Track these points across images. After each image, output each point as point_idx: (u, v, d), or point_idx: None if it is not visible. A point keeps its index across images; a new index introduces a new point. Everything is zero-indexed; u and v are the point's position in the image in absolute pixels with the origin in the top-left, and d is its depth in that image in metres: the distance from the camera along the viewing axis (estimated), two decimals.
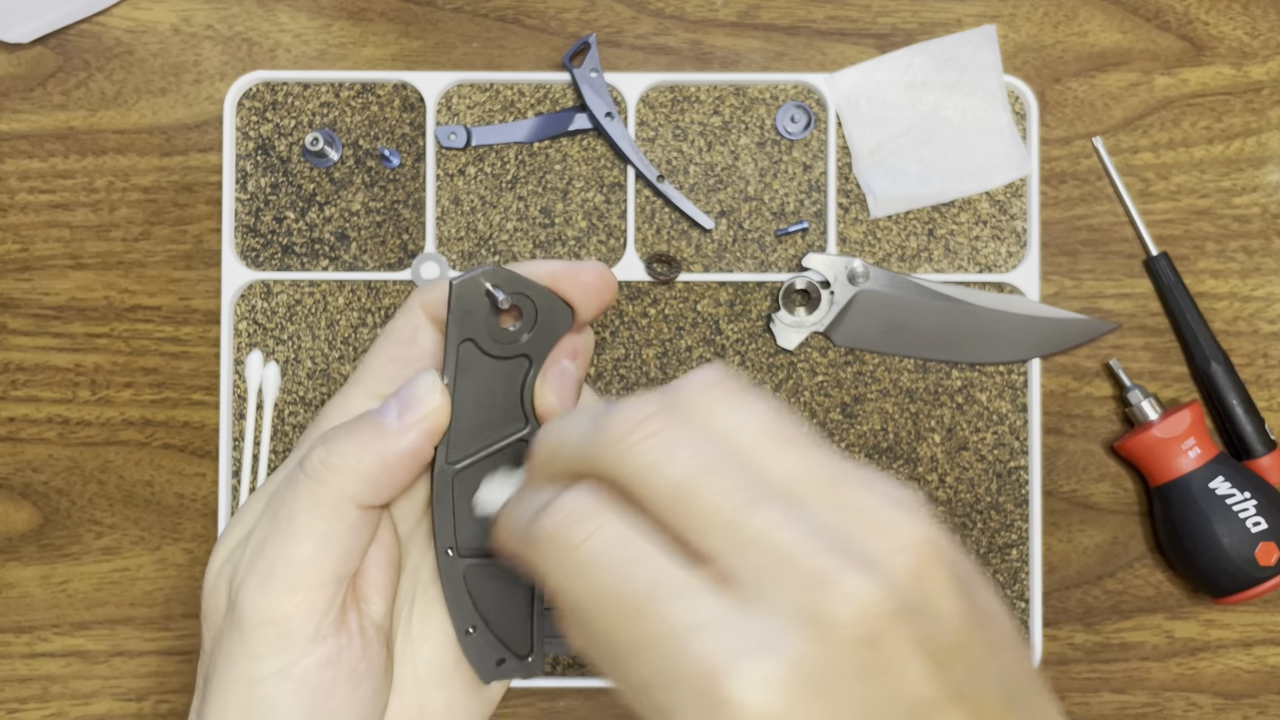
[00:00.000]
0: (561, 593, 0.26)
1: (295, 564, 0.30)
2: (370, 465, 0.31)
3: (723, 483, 0.25)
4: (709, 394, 0.27)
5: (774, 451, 0.26)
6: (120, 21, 0.49)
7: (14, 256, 0.49)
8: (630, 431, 0.26)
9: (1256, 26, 0.50)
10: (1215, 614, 0.49)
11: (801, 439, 0.26)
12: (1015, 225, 0.49)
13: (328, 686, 0.31)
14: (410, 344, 0.34)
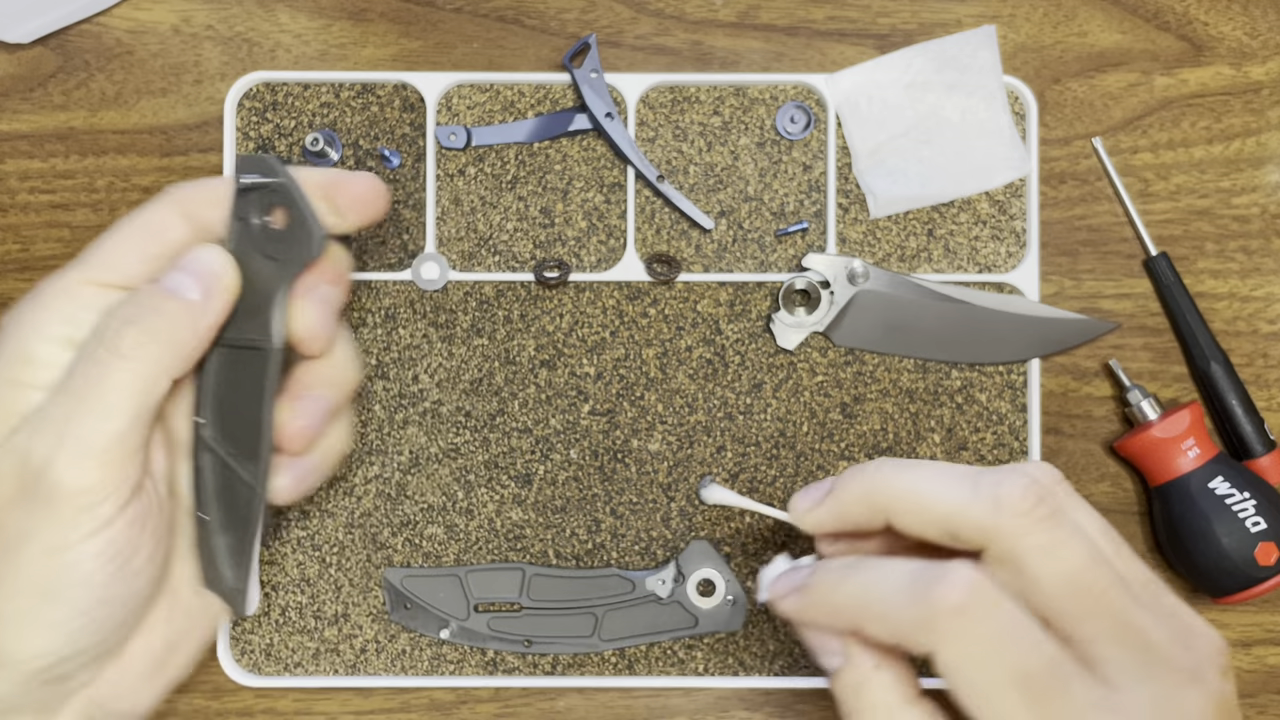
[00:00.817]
0: (958, 667, 0.27)
1: (110, 437, 0.32)
2: (184, 339, 0.34)
3: (1108, 578, 0.28)
4: (1059, 488, 0.29)
5: (1114, 553, 0.29)
6: (120, 22, 0.49)
7: (14, 257, 0.49)
8: (1030, 510, 0.28)
9: (1256, 27, 0.50)
10: (1214, 614, 0.49)
11: (1123, 543, 0.30)
12: (1015, 225, 0.49)
13: (132, 546, 0.33)
14: (157, 239, 0.35)
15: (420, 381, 0.48)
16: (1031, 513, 0.28)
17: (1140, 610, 0.28)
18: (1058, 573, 0.28)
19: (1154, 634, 0.28)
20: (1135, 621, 0.28)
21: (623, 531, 0.48)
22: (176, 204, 0.36)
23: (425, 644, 0.48)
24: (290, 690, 0.48)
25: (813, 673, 0.48)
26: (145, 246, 0.35)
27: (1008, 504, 0.28)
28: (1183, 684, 0.27)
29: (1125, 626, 0.28)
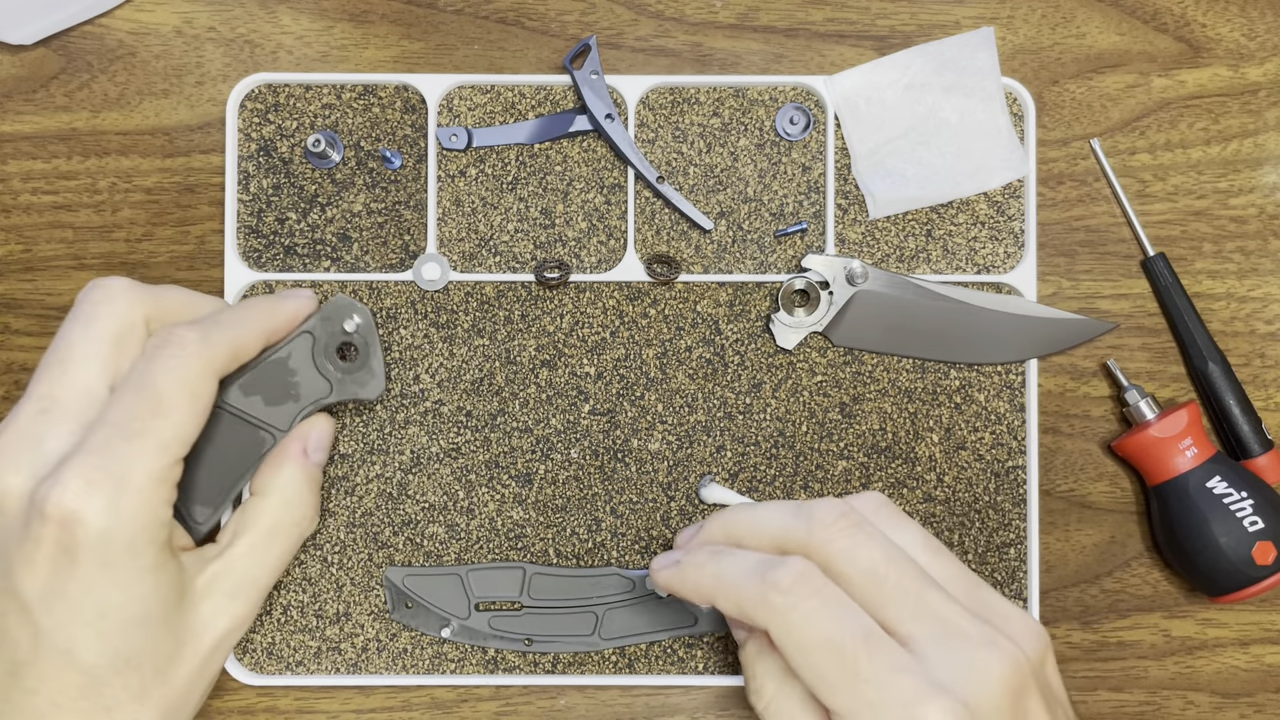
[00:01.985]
0: (785, 637, 0.34)
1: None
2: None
3: (904, 571, 0.34)
4: (880, 510, 0.37)
5: (930, 558, 0.35)
6: (123, 23, 0.50)
7: (17, 257, 0.49)
8: (834, 523, 0.35)
9: (1254, 28, 0.50)
10: (1212, 613, 0.49)
11: (946, 552, 0.36)
12: (1013, 226, 0.49)
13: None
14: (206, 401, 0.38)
15: (421, 381, 0.48)
16: (835, 525, 0.35)
17: (938, 595, 0.34)
18: (859, 569, 0.34)
19: (950, 612, 0.33)
20: (931, 603, 0.33)
21: (623, 531, 0.48)
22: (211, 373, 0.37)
23: (426, 643, 0.48)
24: (292, 689, 0.48)
25: None
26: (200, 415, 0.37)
27: (818, 521, 0.35)
28: (979, 646, 0.32)
29: (922, 606, 0.33)
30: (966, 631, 0.33)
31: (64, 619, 0.32)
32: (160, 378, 0.34)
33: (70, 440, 0.33)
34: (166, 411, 0.34)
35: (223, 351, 0.37)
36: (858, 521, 0.35)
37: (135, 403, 0.34)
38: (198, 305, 0.39)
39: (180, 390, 0.35)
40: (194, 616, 0.35)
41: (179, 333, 0.36)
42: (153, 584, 0.34)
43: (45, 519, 0.32)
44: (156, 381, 0.34)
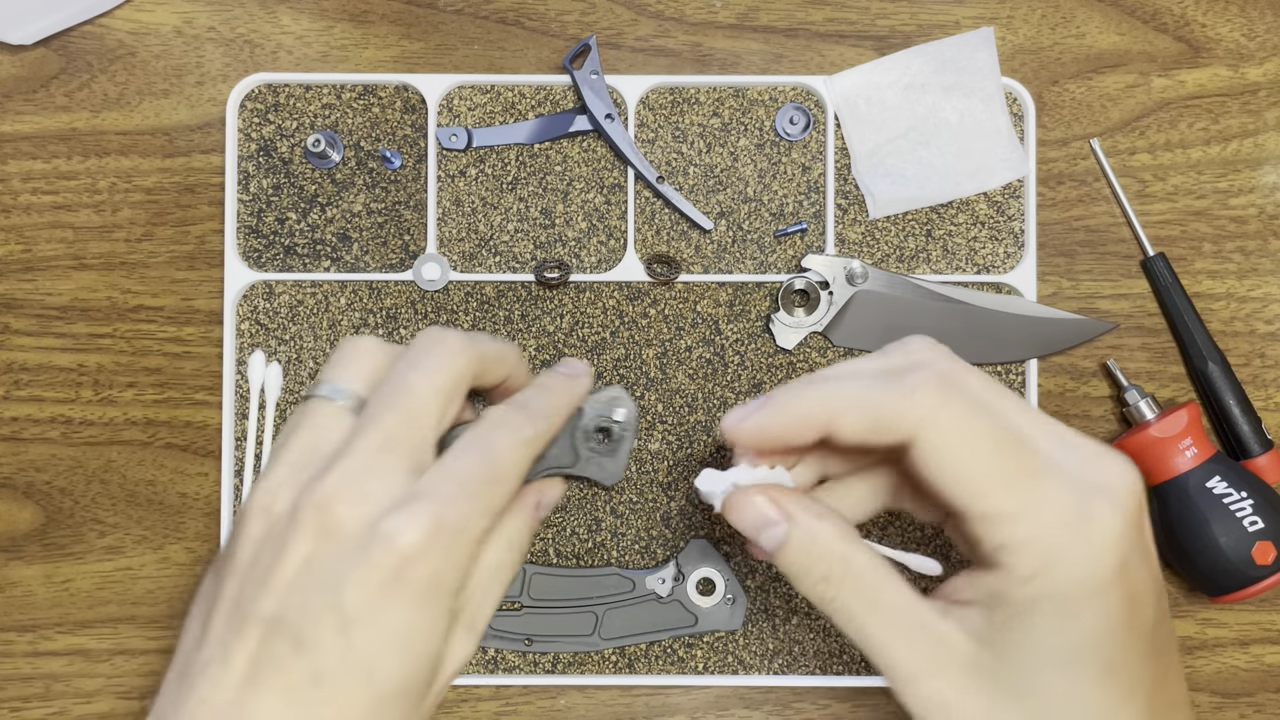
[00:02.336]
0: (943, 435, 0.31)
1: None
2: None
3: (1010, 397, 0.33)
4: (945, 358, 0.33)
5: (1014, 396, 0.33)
6: (123, 23, 0.50)
7: (17, 257, 0.49)
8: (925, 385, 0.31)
9: (1253, 28, 0.50)
10: (1212, 613, 0.49)
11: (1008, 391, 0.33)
12: (1013, 226, 0.49)
13: None
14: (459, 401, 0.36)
15: None
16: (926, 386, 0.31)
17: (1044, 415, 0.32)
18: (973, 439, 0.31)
19: (1059, 426, 0.32)
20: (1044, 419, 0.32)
21: (623, 531, 0.48)
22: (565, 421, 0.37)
23: None
24: None
25: (811, 671, 0.48)
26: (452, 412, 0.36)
27: (920, 395, 0.31)
28: (1102, 455, 0.31)
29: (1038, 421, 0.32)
30: (1087, 447, 0.31)
31: (376, 641, 0.33)
32: (505, 453, 0.35)
33: (406, 481, 0.34)
34: (503, 481, 0.35)
35: (541, 445, 0.36)
36: (958, 385, 0.32)
37: (480, 467, 0.35)
38: (505, 357, 0.38)
39: (517, 467, 0.35)
40: (447, 649, 0.36)
41: (516, 417, 0.36)
42: (443, 624, 0.34)
43: (390, 550, 0.33)
44: (500, 453, 0.35)
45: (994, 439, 0.31)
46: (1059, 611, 0.30)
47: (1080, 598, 0.30)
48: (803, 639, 0.48)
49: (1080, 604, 0.30)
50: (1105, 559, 0.30)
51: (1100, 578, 0.30)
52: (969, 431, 0.31)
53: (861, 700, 0.49)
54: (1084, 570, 0.30)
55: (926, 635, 0.31)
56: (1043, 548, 0.30)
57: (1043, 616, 0.30)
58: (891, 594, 0.32)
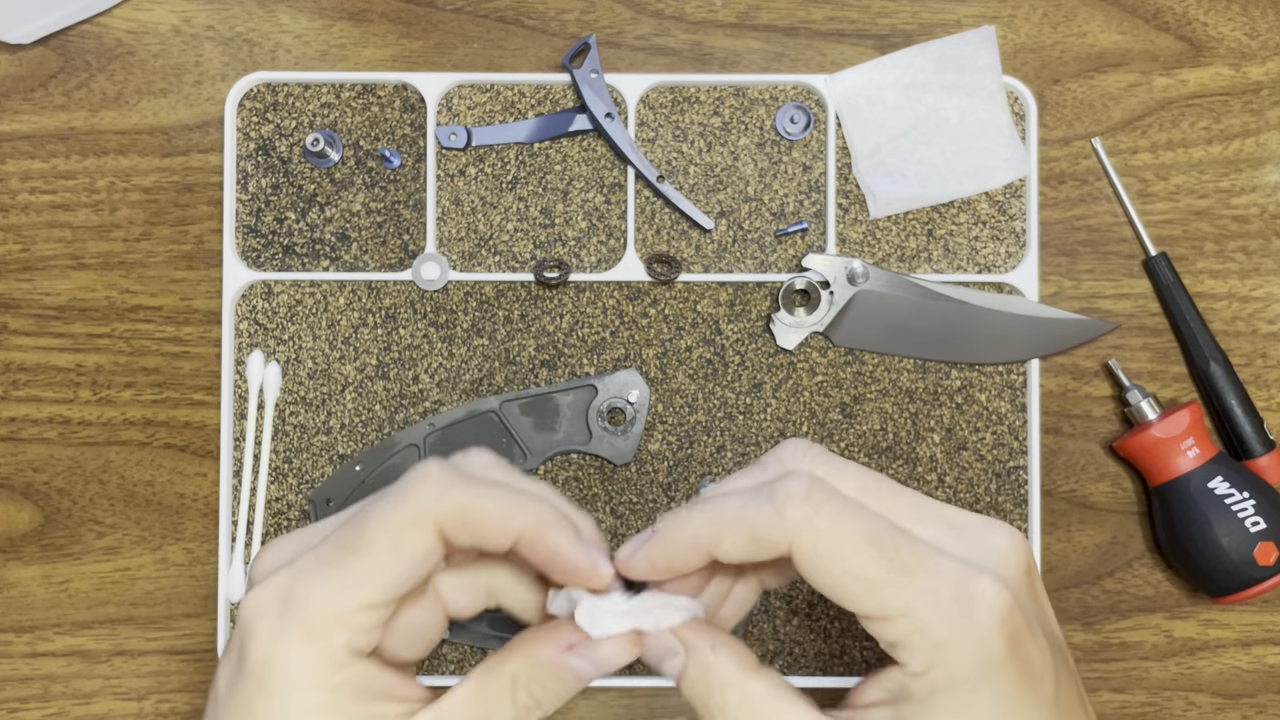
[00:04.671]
0: (816, 543, 0.31)
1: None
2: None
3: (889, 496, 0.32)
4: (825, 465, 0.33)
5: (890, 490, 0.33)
6: (121, 22, 0.50)
7: (15, 257, 0.49)
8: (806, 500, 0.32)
9: (1255, 27, 0.50)
10: (1214, 613, 0.49)
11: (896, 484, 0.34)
12: (1014, 225, 0.49)
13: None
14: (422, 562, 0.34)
15: (421, 381, 0.48)
16: (808, 501, 0.32)
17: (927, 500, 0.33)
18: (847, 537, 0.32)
19: (945, 510, 0.32)
20: (927, 506, 0.32)
21: (623, 531, 0.48)
22: (435, 527, 0.33)
23: None
24: None
25: (811, 672, 0.48)
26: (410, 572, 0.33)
27: (788, 501, 0.32)
28: (983, 532, 0.31)
29: (922, 511, 0.32)
30: (967, 523, 0.32)
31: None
32: (375, 518, 0.33)
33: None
34: (365, 552, 0.33)
35: (454, 514, 0.33)
36: (827, 491, 0.32)
37: (344, 534, 0.33)
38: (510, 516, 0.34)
39: (385, 533, 0.33)
40: None
41: (429, 471, 0.34)
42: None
43: (238, 625, 0.32)
44: (369, 519, 0.33)
45: (867, 539, 0.31)
46: (955, 702, 0.30)
47: (973, 684, 0.30)
48: (803, 640, 0.48)
49: (974, 690, 0.30)
50: (992, 641, 0.30)
51: (990, 660, 0.30)
52: (841, 537, 0.31)
53: None
54: (972, 656, 0.30)
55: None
56: (928, 641, 0.30)
57: (941, 708, 0.30)
58: (793, 712, 0.32)
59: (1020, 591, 0.31)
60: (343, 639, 0.32)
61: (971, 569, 0.30)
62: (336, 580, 0.33)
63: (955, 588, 0.30)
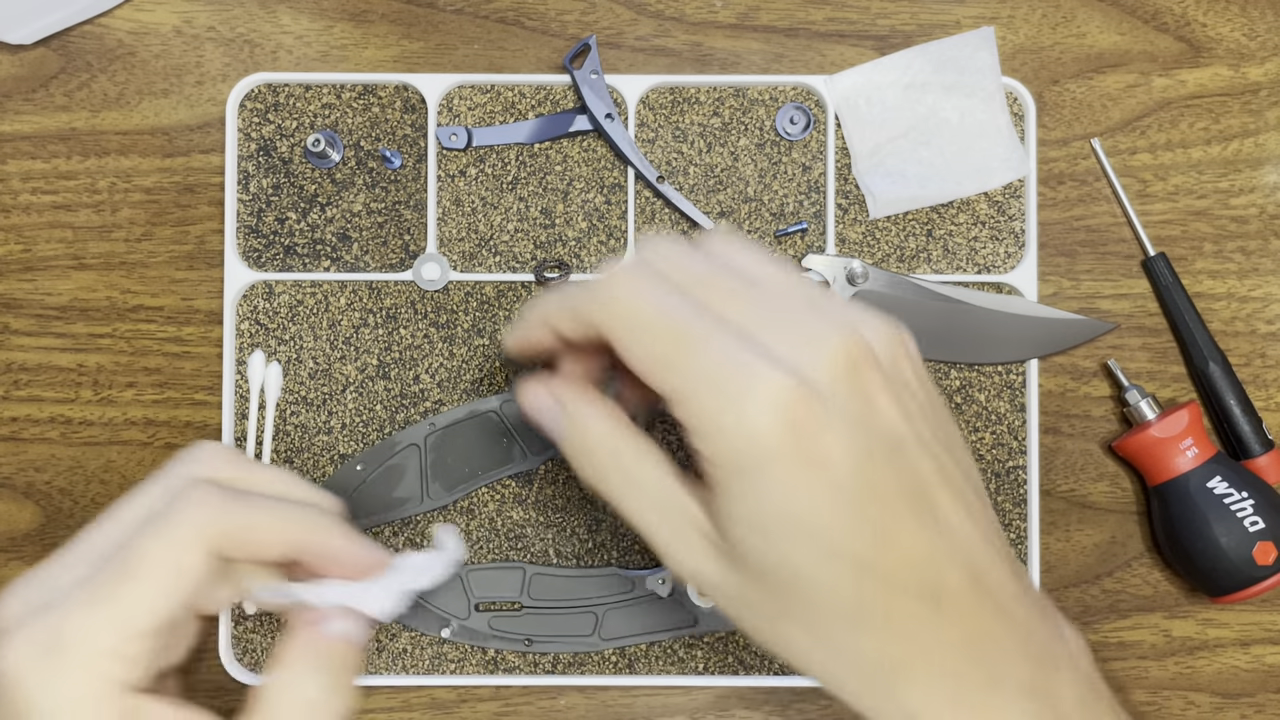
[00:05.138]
0: (618, 319, 0.33)
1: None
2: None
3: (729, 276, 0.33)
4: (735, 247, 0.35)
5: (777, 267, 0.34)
6: (122, 23, 0.50)
7: (16, 257, 0.49)
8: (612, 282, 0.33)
9: (1254, 28, 0.50)
10: (1213, 613, 0.49)
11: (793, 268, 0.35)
12: (1013, 226, 0.49)
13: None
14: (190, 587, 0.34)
15: (421, 382, 0.48)
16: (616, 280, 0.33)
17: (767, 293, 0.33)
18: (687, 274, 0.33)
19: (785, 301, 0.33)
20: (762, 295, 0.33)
21: (623, 530, 0.48)
22: (200, 543, 0.34)
23: (426, 643, 0.48)
24: None
25: None
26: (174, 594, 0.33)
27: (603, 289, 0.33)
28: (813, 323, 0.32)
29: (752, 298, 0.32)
30: (800, 316, 0.32)
31: None
32: (145, 544, 0.33)
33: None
34: (138, 580, 0.32)
35: (227, 535, 0.33)
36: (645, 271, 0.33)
37: (113, 565, 0.32)
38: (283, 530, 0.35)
39: (157, 560, 0.33)
40: None
41: (197, 493, 0.34)
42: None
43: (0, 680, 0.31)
44: (139, 546, 0.33)
45: (662, 318, 0.32)
46: (739, 488, 0.31)
47: (752, 471, 0.30)
48: None
49: (754, 476, 0.30)
50: (765, 431, 0.30)
51: (765, 449, 0.30)
52: (638, 313, 0.32)
53: None
54: (746, 444, 0.30)
55: (675, 509, 0.33)
56: (710, 426, 0.31)
57: (730, 493, 0.31)
58: (649, 471, 0.34)
59: (829, 384, 0.30)
60: (119, 673, 0.32)
61: (761, 360, 0.30)
62: (110, 613, 0.32)
63: (734, 378, 0.30)
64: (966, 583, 0.31)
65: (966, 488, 0.32)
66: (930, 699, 0.31)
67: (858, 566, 0.30)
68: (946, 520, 0.31)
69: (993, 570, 0.32)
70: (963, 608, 0.31)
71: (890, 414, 0.31)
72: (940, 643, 0.31)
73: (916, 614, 0.30)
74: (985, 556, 0.32)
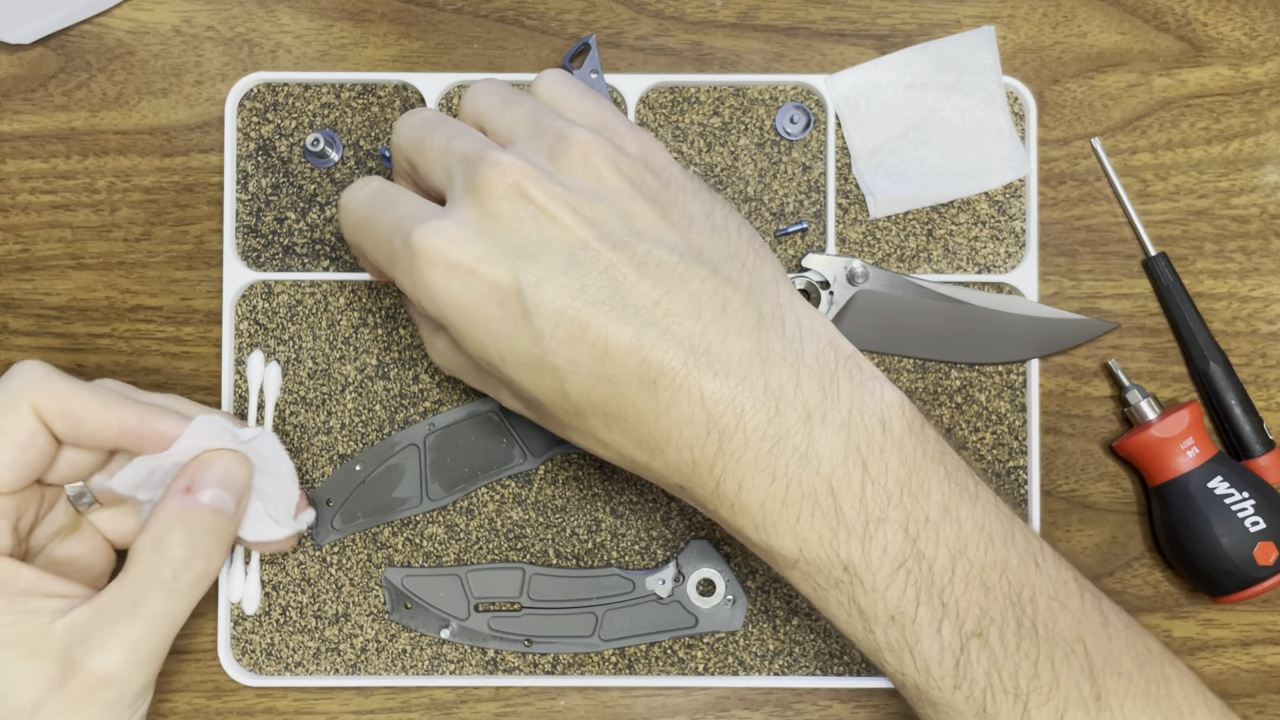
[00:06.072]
0: (346, 235, 0.39)
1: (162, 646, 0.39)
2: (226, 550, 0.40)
3: (438, 131, 0.37)
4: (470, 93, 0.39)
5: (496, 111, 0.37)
6: (121, 22, 0.50)
7: (15, 257, 0.49)
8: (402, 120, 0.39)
9: (1255, 27, 0.50)
10: (1214, 613, 0.49)
11: (519, 98, 0.37)
12: (1014, 226, 0.49)
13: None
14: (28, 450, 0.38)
15: (421, 381, 0.48)
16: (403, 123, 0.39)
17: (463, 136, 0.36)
18: (403, 147, 0.38)
19: (467, 145, 0.36)
20: (454, 147, 0.36)
21: (623, 531, 0.48)
22: (32, 409, 0.38)
23: (426, 643, 0.48)
24: (291, 690, 0.48)
25: (811, 672, 0.48)
26: (16, 457, 0.38)
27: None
28: (475, 165, 0.35)
29: (445, 154, 0.36)
30: (470, 157, 0.35)
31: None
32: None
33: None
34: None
35: (52, 403, 0.37)
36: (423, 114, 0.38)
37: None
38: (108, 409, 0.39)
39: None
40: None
41: (24, 366, 0.38)
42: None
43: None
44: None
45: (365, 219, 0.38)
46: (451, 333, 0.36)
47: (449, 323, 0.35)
48: (803, 640, 0.48)
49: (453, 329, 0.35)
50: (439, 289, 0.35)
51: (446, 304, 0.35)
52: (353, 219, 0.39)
53: (863, 701, 0.48)
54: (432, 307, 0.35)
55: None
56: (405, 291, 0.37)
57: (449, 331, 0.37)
58: None
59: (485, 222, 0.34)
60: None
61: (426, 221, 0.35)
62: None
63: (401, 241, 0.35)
64: (680, 358, 0.33)
65: (678, 271, 0.34)
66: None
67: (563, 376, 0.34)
68: (646, 311, 0.33)
69: (728, 338, 0.34)
70: (680, 381, 0.33)
71: (562, 220, 0.34)
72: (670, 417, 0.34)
73: (640, 400, 0.34)
74: (713, 330, 0.34)
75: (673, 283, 0.34)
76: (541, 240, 0.33)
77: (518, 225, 0.34)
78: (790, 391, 0.33)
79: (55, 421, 0.38)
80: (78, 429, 0.38)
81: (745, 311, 0.34)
